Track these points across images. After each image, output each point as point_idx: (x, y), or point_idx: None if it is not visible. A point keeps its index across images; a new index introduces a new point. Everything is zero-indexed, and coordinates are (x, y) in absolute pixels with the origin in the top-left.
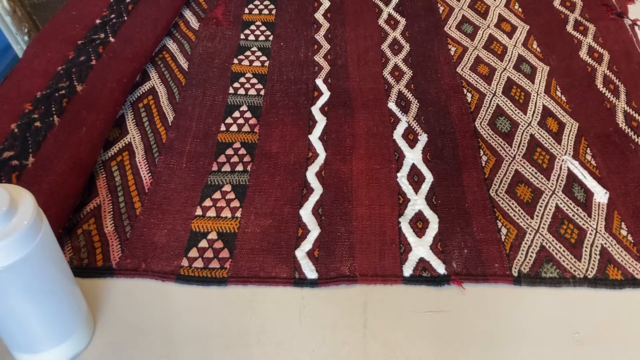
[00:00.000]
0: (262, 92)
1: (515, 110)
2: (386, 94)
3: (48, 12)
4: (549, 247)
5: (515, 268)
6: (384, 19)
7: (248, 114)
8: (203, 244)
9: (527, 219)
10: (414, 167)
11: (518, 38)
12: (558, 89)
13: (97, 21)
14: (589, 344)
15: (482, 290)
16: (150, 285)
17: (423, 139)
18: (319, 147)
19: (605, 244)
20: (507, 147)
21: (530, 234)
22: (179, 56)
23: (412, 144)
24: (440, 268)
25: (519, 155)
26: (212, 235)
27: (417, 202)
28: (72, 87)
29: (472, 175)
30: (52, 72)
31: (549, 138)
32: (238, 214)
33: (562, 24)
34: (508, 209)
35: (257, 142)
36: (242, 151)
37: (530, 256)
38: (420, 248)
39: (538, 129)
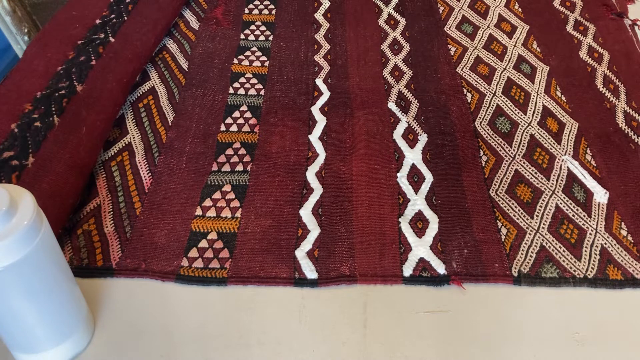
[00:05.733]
0: (262, 92)
1: (515, 110)
2: (386, 94)
3: (48, 12)
4: (549, 247)
5: (515, 268)
6: (384, 19)
7: (248, 114)
8: (203, 244)
9: (527, 219)
10: (414, 167)
11: (518, 38)
12: (558, 89)
13: (97, 21)
14: (589, 344)
15: (482, 290)
16: (150, 285)
17: (423, 139)
18: (319, 147)
19: (605, 244)
20: (507, 147)
21: (530, 234)
22: (179, 56)
23: (412, 144)
24: (440, 268)
25: (519, 155)
26: (212, 235)
27: (417, 202)
28: (72, 87)
29: (472, 175)
30: (52, 72)
31: (549, 138)
32: (238, 214)
33: (562, 24)
34: (508, 209)
35: (257, 142)
36: (242, 151)
37: (530, 256)
38: (420, 248)
39: (538, 129)
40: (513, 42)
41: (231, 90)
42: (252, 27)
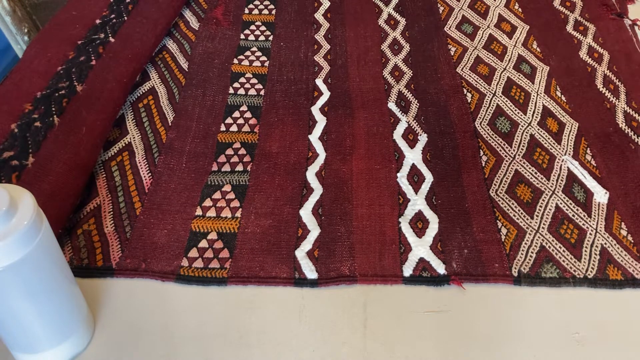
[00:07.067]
0: (262, 92)
1: (515, 110)
2: (386, 94)
3: (48, 12)
4: (549, 247)
5: (515, 268)
6: (384, 19)
7: (248, 114)
8: (203, 244)
9: (527, 219)
10: (414, 167)
11: (518, 38)
12: (558, 89)
13: (97, 21)
14: (589, 344)
15: (482, 290)
16: (150, 285)
17: (423, 139)
18: (319, 147)
19: (605, 244)
20: (507, 147)
21: (530, 234)
22: (179, 56)
23: (412, 144)
24: (440, 268)
25: (519, 155)
26: (212, 235)
27: (417, 202)
28: (72, 87)
29: (472, 175)
30: (52, 72)
31: (549, 138)
32: (238, 214)
33: (562, 24)
34: (508, 209)
35: (257, 142)
36: (242, 151)
37: (530, 256)
38: (420, 248)
39: (538, 129)
40: (513, 42)
41: (231, 90)
42: (252, 27)
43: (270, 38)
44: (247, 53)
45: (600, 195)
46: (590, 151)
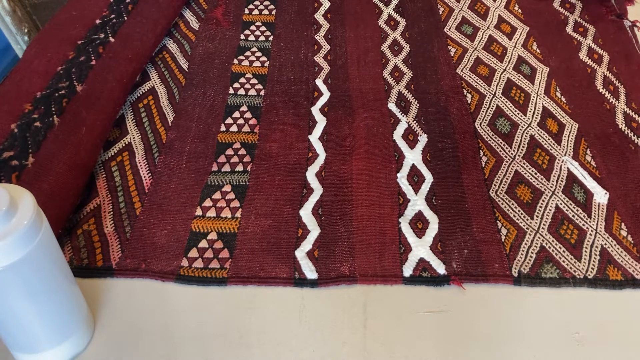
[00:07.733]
0: (262, 93)
1: (515, 111)
2: (386, 94)
3: (48, 12)
4: (549, 247)
5: (515, 268)
6: (384, 19)
7: (248, 114)
8: (203, 244)
9: (527, 220)
10: (414, 168)
11: (518, 39)
12: (558, 90)
13: (97, 21)
14: (589, 344)
15: (482, 290)
16: (150, 285)
17: (423, 139)
18: (318, 147)
19: (605, 244)
20: (507, 148)
21: (530, 234)
22: (179, 56)
23: (412, 144)
24: (440, 268)
25: (519, 155)
26: (212, 236)
27: (417, 203)
28: (72, 87)
29: (472, 176)
30: (52, 72)
31: (548, 139)
32: (238, 214)
33: (562, 25)
34: (508, 210)
35: (257, 142)
36: (242, 151)
37: (530, 256)
38: (420, 248)
39: (538, 130)
40: (513, 44)
41: (231, 91)
42: (252, 27)
43: (270, 38)
44: (247, 53)
45: (600, 196)
46: (590, 152)
